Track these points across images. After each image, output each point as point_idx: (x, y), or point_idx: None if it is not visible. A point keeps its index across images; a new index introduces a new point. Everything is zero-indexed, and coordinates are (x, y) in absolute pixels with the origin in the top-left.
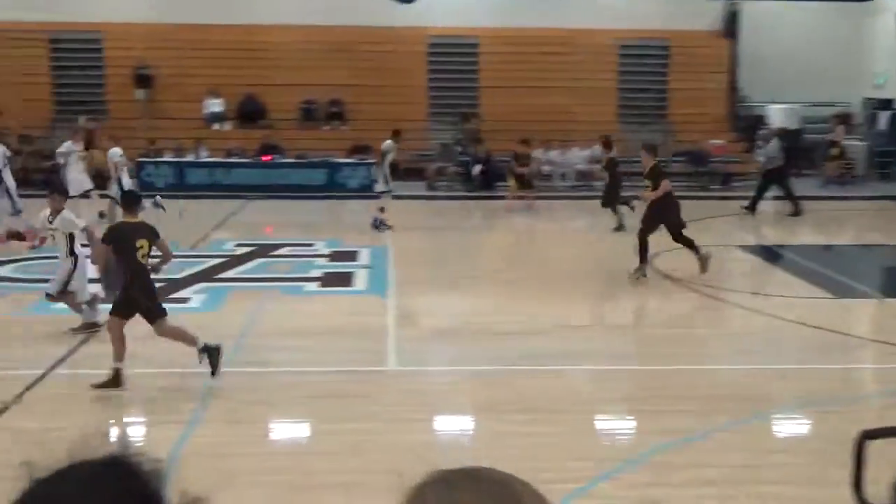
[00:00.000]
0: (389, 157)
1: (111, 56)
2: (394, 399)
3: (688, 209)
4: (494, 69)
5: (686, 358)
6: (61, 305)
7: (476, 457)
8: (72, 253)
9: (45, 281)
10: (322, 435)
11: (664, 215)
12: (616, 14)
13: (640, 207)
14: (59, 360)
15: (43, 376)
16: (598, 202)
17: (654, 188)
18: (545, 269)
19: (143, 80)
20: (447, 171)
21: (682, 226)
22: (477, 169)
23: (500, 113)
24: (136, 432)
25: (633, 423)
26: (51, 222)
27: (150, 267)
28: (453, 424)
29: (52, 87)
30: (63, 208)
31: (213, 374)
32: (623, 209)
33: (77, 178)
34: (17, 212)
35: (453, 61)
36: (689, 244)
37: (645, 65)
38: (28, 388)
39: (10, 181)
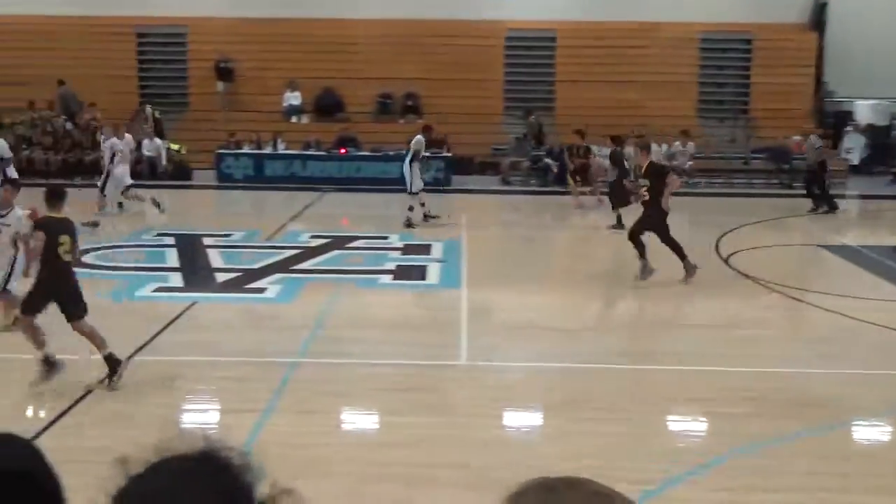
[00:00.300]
0: (421, 154)
1: (194, 50)
2: (465, 394)
3: (768, 207)
4: (571, 63)
5: (764, 360)
6: (147, 292)
7: (546, 454)
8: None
9: (130, 269)
10: (393, 427)
11: (656, 217)
12: (698, 7)
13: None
14: (140, 346)
15: (125, 361)
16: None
17: (652, 187)
18: (618, 267)
19: (224, 74)
20: (521, 165)
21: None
22: (551, 164)
23: (576, 107)
24: (212, 419)
25: (707, 426)
26: (3, 216)
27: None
28: (524, 421)
29: (137, 80)
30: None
31: (108, 381)
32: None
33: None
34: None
35: (530, 55)
36: (676, 249)
37: (726, 59)
38: (112, 373)
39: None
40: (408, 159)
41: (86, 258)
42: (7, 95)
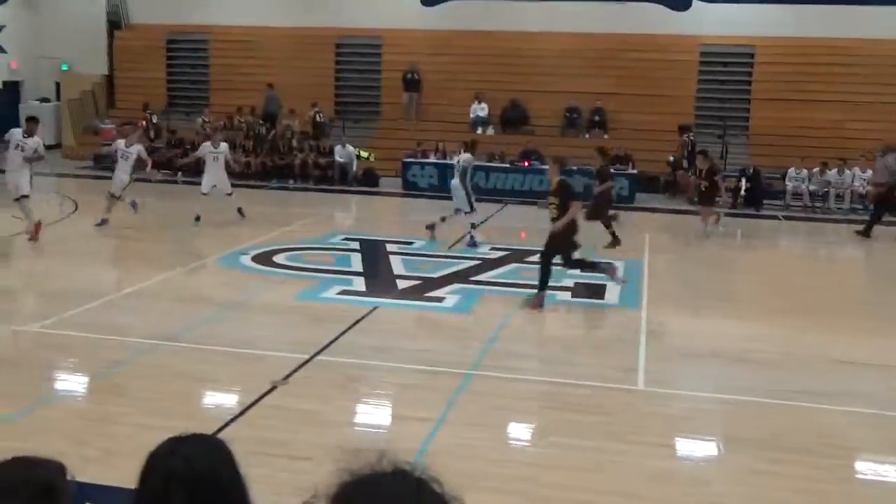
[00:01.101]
0: (470, 172)
1: (388, 60)
2: (638, 420)
3: None
4: (769, 80)
5: None
6: (332, 294)
7: (719, 492)
8: None
9: (317, 270)
10: (562, 448)
11: (566, 240)
12: None
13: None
14: (322, 346)
15: (308, 361)
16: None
17: (560, 206)
18: (809, 296)
19: (410, 84)
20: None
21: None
22: (742, 185)
23: (771, 127)
24: (387, 425)
25: None
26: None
27: None
28: (697, 454)
29: (334, 88)
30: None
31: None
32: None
33: (122, 178)
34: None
35: (725, 71)
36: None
37: None
38: (295, 371)
39: None
40: (458, 177)
41: (277, 258)
42: (219, 100)
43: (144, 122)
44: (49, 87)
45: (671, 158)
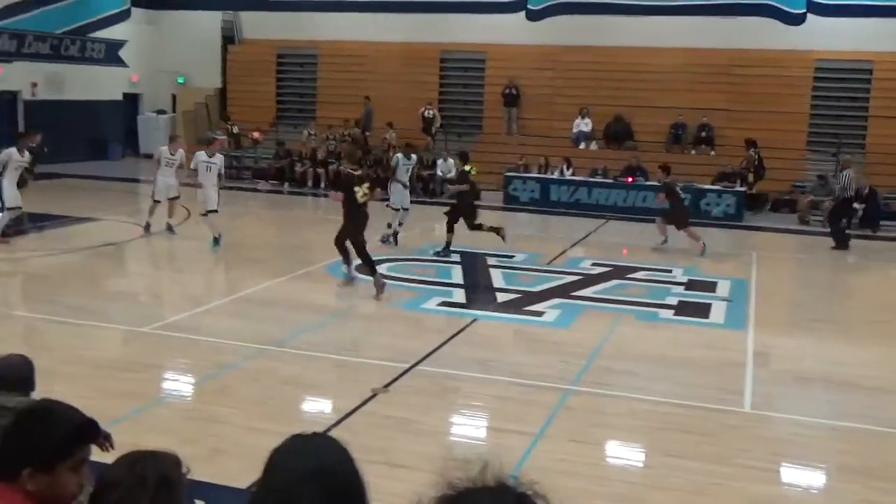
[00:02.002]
0: (399, 173)
1: (491, 75)
2: (743, 443)
3: None
4: (888, 96)
5: None
6: (432, 305)
7: None
8: None
9: (419, 281)
10: (662, 469)
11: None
12: None
13: None
14: (422, 356)
15: (408, 370)
16: None
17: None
18: None
19: (509, 99)
20: (822, 205)
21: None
22: (857, 206)
23: (890, 145)
24: (485, 437)
25: None
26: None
27: None
28: (804, 480)
29: (438, 103)
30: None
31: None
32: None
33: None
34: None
35: (841, 87)
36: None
37: None
38: (395, 379)
39: None
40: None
41: (379, 269)
42: (325, 113)
43: (224, 135)
44: (166, 100)
45: (729, 169)
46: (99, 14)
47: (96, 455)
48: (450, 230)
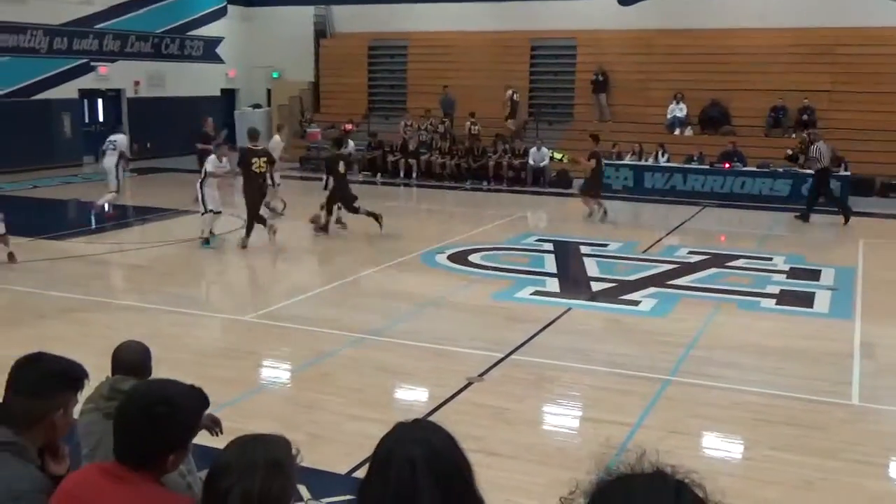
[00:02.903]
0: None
1: (582, 62)
2: (852, 437)
3: None
4: None
5: None
6: (526, 294)
7: None
8: None
9: (512, 271)
10: (766, 462)
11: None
12: None
13: None
14: (516, 345)
15: (503, 359)
16: None
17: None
18: None
19: (598, 85)
20: None
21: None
22: None
23: None
24: (583, 427)
25: None
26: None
27: None
28: None
29: (528, 90)
30: None
31: None
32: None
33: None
34: None
35: None
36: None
37: None
38: (490, 368)
39: None
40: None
41: (472, 258)
42: (415, 104)
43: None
44: (261, 94)
45: (789, 152)
46: (197, 13)
47: (207, 440)
48: (329, 212)
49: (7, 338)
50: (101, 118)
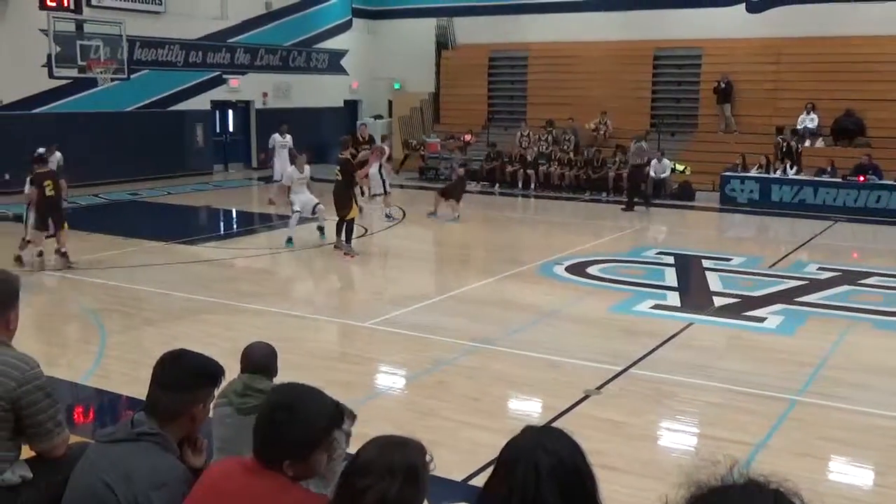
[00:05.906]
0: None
1: (707, 71)
2: None
3: None
4: None
5: None
6: (645, 308)
7: None
8: None
9: (631, 283)
10: None
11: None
12: None
13: None
14: (635, 359)
15: (621, 372)
16: None
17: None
18: None
19: (721, 95)
20: None
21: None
22: None
23: None
24: (701, 444)
25: None
26: None
27: None
28: None
29: (650, 101)
30: None
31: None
32: None
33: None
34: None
35: None
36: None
37: None
38: (607, 382)
39: None
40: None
41: (590, 269)
42: (535, 114)
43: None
44: (382, 105)
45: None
46: (323, 26)
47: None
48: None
49: (141, 336)
50: (230, 128)
